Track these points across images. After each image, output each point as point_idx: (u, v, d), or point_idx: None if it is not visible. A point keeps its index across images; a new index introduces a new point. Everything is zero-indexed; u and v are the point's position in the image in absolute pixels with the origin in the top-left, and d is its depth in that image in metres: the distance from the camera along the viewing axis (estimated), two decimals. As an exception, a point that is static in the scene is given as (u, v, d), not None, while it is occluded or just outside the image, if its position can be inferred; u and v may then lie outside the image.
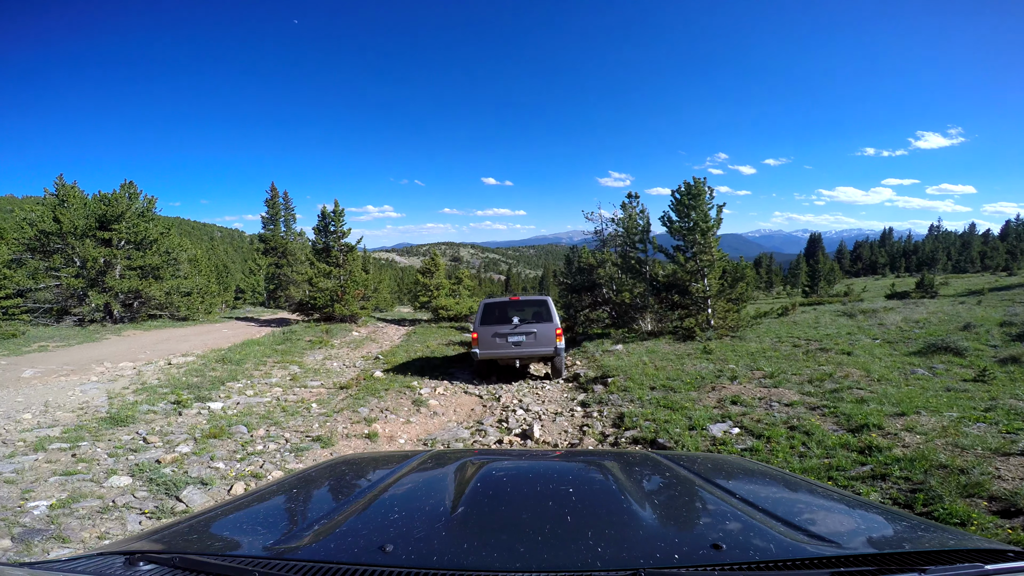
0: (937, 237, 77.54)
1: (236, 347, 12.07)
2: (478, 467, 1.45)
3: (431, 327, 18.48)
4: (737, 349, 9.96)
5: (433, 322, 20.43)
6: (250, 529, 1.14)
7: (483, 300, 9.08)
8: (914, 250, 73.00)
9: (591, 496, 1.21)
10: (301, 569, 0.84)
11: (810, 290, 39.04)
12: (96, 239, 18.58)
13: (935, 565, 0.85)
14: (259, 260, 35.34)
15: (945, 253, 67.34)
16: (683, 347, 10.73)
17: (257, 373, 9.28)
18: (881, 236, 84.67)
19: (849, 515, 1.23)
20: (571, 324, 15.84)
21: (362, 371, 9.61)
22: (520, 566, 0.83)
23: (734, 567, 0.83)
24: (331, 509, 1.22)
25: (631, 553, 0.88)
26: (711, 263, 11.97)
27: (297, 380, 8.66)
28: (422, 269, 22.92)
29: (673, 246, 12.65)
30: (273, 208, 36.17)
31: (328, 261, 19.59)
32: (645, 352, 10.10)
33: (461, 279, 22.86)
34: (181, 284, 20.28)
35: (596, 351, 10.59)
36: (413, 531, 0.98)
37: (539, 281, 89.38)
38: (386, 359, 10.61)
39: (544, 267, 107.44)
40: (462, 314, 20.82)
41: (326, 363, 10.65)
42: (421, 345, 13.18)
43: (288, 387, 8.13)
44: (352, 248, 20.16)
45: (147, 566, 0.89)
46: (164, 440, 5.19)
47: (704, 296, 12.32)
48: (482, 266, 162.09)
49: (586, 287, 16.26)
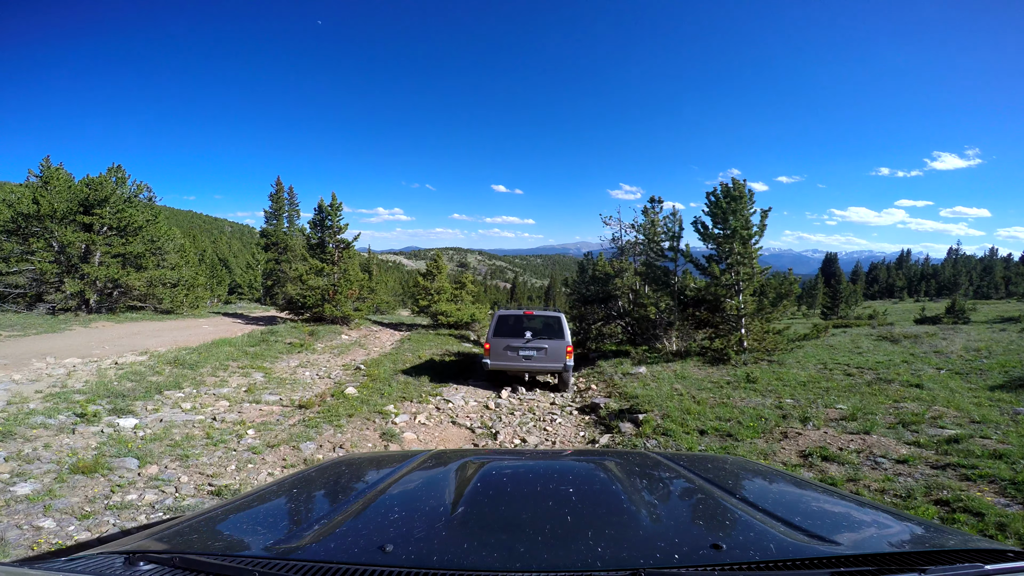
0: (956, 261, 75.22)
1: (204, 347, 10.61)
2: (478, 467, 1.44)
3: (428, 334, 16.93)
4: (784, 377, 8.35)
5: (431, 328, 18.87)
6: (250, 529, 1.14)
7: (497, 311, 9.07)
8: (933, 273, 70.90)
9: (591, 496, 1.20)
10: (301, 569, 0.83)
11: (830, 311, 37.10)
12: (78, 224, 17.39)
13: (935, 565, 0.85)
14: (258, 255, 34.11)
15: (967, 278, 65.12)
16: (716, 372, 9.12)
17: (211, 380, 7.79)
18: (898, 259, 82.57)
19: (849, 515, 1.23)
20: (583, 338, 14.22)
21: (335, 384, 8.07)
22: (520, 566, 0.83)
23: (734, 567, 0.83)
24: (331, 509, 1.23)
25: (631, 553, 0.88)
26: (751, 276, 10.36)
27: (253, 392, 7.14)
28: (423, 271, 21.44)
29: (705, 256, 11.06)
30: (277, 203, 35.16)
31: (322, 258, 18.17)
32: (674, 377, 8.50)
33: (464, 284, 21.30)
34: (165, 275, 18.95)
35: (615, 373, 8.98)
36: (413, 531, 0.99)
37: (545, 291, 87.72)
38: (368, 370, 9.07)
39: (551, 277, 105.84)
40: (463, 321, 19.24)
41: (298, 371, 9.13)
42: (412, 355, 11.63)
43: (237, 401, 6.61)
44: (349, 245, 18.74)
45: (147, 566, 0.88)
46: (16, 471, 3.70)
47: (738, 314, 10.71)
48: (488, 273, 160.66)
49: (600, 298, 14.66)
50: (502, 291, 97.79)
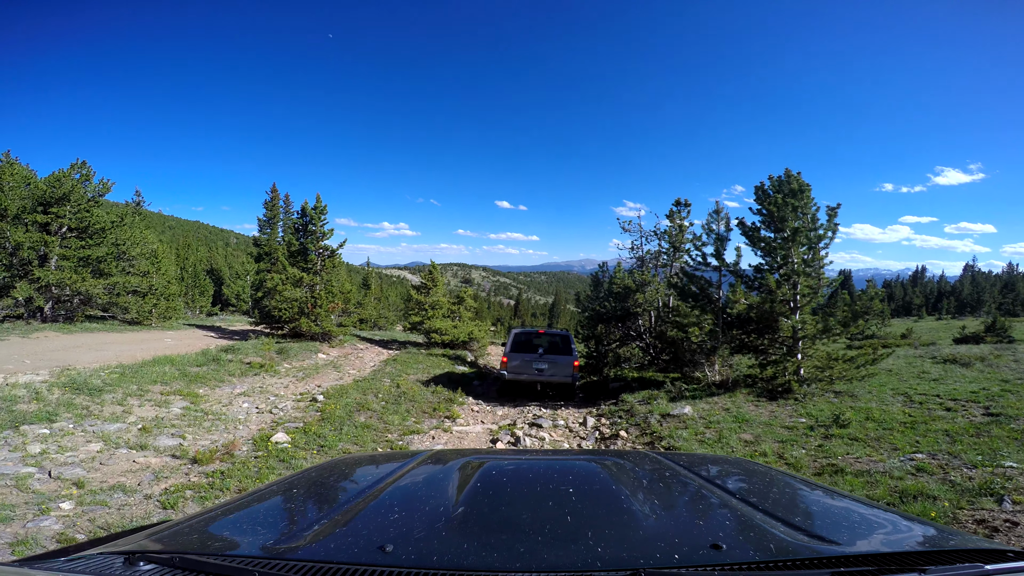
0: (975, 278, 72.99)
1: (136, 365, 8.57)
2: (478, 467, 1.43)
3: (419, 354, 14.81)
4: (874, 416, 6.30)
5: (424, 347, 16.75)
6: (250, 529, 1.12)
7: (514, 330, 10.30)
8: (951, 291, 68.76)
9: (591, 496, 1.20)
10: (301, 569, 0.82)
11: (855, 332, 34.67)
12: (34, 223, 15.63)
13: (935, 565, 0.84)
14: (247, 265, 32.26)
15: (989, 295, 63.05)
16: (780, 410, 6.99)
17: (108, 411, 5.75)
18: (912, 275, 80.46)
19: (849, 515, 1.22)
20: (598, 363, 12.07)
21: (271, 424, 5.96)
22: (520, 566, 0.82)
23: (734, 567, 0.82)
24: (331, 509, 1.21)
25: (631, 553, 0.87)
26: (815, 290, 8.29)
27: (148, 432, 5.08)
28: (418, 284, 19.40)
29: (753, 266, 9.01)
30: (272, 211, 33.56)
31: (303, 267, 16.21)
32: (731, 419, 6.37)
33: (463, 298, 19.17)
34: (130, 282, 17.03)
35: (649, 414, 6.83)
36: (413, 531, 0.98)
37: (549, 308, 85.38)
38: (325, 403, 6.96)
39: (555, 294, 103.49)
40: (459, 340, 17.08)
41: (236, 401, 7.05)
42: (391, 381, 9.50)
43: (116, 445, 4.55)
44: (334, 252, 16.80)
45: (147, 566, 0.86)
46: None
47: (794, 336, 8.61)
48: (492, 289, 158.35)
49: (618, 316, 12.57)
50: (506, 308, 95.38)
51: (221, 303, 34.44)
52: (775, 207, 8.36)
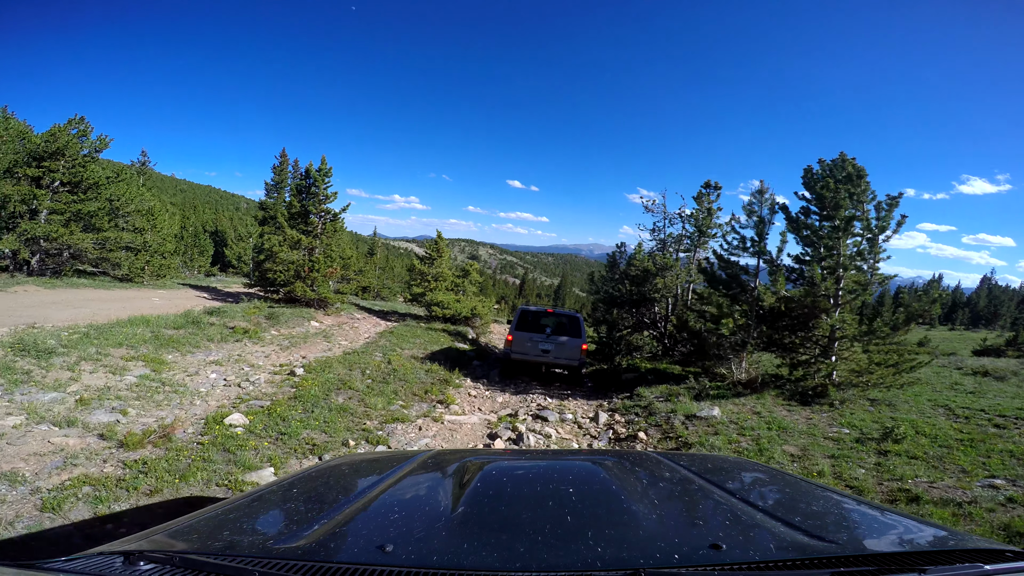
0: (991, 290, 71.41)
1: (106, 325, 7.85)
2: (478, 467, 1.41)
3: (418, 327, 14.05)
4: (924, 430, 5.51)
5: (424, 320, 15.99)
6: (250, 529, 1.10)
7: (520, 306, 9.80)
8: (966, 302, 67.50)
9: (591, 496, 1.18)
10: (301, 569, 0.81)
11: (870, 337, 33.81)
12: (26, 178, 14.86)
13: (935, 565, 0.83)
14: (251, 227, 31.58)
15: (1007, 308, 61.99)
16: (817, 417, 6.16)
17: (52, 377, 5.00)
18: (928, 284, 78.76)
19: (849, 515, 1.21)
20: (610, 351, 11.22)
21: (234, 400, 5.19)
22: (520, 566, 0.82)
23: (734, 567, 0.81)
24: (331, 509, 1.18)
25: (631, 553, 0.86)
26: (864, 285, 7.32)
27: (85, 406, 4.31)
28: (422, 255, 18.54)
29: (793, 256, 8.01)
30: (280, 175, 32.98)
31: (303, 229, 15.39)
32: (764, 425, 5.54)
33: (468, 272, 18.30)
34: (121, 237, 16.30)
35: (672, 414, 5.98)
36: (413, 531, 0.97)
37: (555, 290, 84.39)
38: (304, 378, 6.19)
39: (562, 276, 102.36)
40: (461, 315, 16.28)
41: (205, 370, 6.30)
42: (383, 356, 8.72)
43: (39, 420, 3.78)
44: (336, 216, 15.93)
45: (147, 565, 0.85)
46: None
47: (831, 336, 7.70)
48: (499, 267, 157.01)
49: (634, 301, 11.66)
50: (511, 286, 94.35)
51: (222, 264, 33.93)
52: (829, 191, 7.31)
